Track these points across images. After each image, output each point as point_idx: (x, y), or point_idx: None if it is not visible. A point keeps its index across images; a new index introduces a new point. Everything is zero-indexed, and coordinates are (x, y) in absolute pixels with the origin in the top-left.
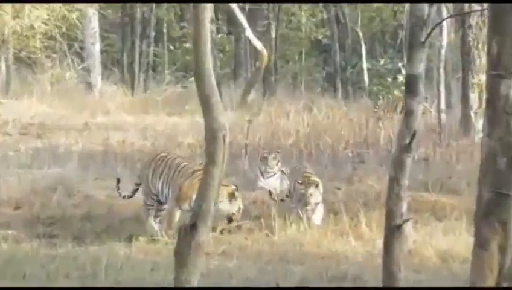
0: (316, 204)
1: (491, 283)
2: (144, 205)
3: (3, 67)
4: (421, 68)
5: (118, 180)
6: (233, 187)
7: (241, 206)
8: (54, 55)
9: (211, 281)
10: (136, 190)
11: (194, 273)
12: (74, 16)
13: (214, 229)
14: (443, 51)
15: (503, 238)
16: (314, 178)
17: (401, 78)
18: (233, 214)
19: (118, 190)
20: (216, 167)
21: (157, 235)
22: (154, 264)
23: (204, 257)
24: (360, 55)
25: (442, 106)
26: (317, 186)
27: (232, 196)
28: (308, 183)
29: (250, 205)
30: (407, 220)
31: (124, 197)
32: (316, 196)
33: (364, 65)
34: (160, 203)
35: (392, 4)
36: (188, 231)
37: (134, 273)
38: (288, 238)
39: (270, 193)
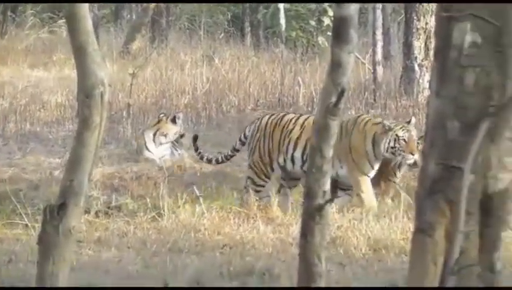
0: None
1: (433, 277)
2: (250, 185)
3: None
4: (352, 8)
5: (195, 138)
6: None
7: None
8: None
9: (84, 276)
10: (231, 156)
11: (62, 266)
12: None
13: (87, 211)
14: None
15: (451, 222)
16: None
17: (327, 21)
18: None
19: (196, 150)
20: (91, 133)
21: None
22: (11, 254)
23: (75, 246)
24: None
25: (379, 56)
26: None
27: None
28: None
29: (133, 181)
30: (331, 200)
31: (209, 160)
32: None
33: (281, 4)
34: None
35: None
36: (55, 213)
37: None
38: (180, 223)
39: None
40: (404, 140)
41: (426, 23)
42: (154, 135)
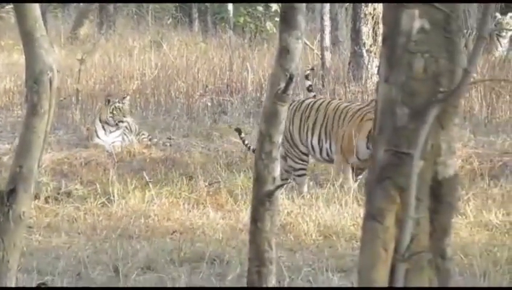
0: None
1: (384, 263)
2: (290, 172)
3: None
4: None
5: (240, 131)
6: None
7: None
8: None
9: (34, 262)
10: None
11: (13, 252)
12: None
13: (37, 197)
14: None
15: (401, 209)
16: None
17: (275, 6)
18: None
19: (244, 142)
20: (40, 119)
21: None
22: None
23: (25, 232)
24: None
25: (327, 42)
26: None
27: None
28: None
29: (83, 167)
30: (281, 186)
31: (253, 150)
32: None
33: None
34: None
35: None
36: (5, 199)
37: None
38: (130, 208)
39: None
40: None
41: (374, 9)
42: (100, 121)
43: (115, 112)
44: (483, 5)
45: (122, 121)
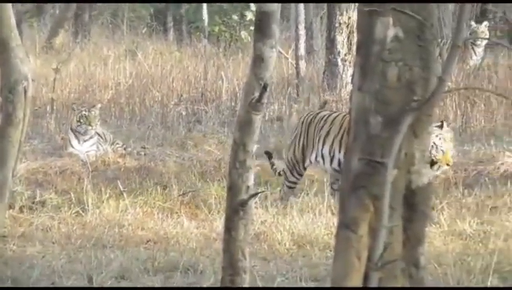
0: None
1: (357, 272)
2: (284, 181)
3: None
4: (275, 4)
5: (270, 155)
6: None
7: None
8: None
9: (8, 271)
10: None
11: None
12: None
13: (11, 206)
14: None
15: (374, 218)
16: None
17: (250, 15)
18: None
19: (273, 166)
20: (15, 129)
21: None
22: None
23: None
24: None
25: (302, 51)
26: None
27: None
28: None
29: (57, 176)
30: (254, 195)
31: (279, 173)
32: None
33: None
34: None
35: None
36: None
37: None
38: (104, 218)
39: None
40: (442, 150)
41: (349, 18)
42: (72, 130)
43: (81, 120)
44: (458, 13)
45: (88, 129)
